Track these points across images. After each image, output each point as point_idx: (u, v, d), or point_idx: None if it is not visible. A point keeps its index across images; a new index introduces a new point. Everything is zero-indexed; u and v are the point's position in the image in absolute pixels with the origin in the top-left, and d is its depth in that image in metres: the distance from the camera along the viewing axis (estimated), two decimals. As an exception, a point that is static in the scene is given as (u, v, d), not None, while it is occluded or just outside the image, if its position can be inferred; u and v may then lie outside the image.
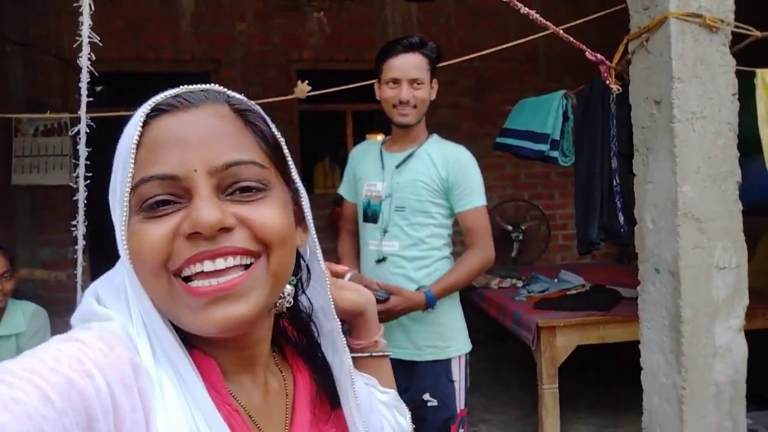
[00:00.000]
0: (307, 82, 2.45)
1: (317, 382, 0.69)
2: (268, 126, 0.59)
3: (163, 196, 0.52)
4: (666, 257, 2.11)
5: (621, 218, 2.41)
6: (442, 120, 5.13)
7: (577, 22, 2.37)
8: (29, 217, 4.83)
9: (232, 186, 0.54)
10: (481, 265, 2.03)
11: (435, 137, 2.06)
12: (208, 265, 0.52)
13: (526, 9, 1.94)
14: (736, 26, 2.15)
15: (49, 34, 4.72)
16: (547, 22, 1.88)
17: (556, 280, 3.60)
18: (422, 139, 2.03)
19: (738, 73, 2.18)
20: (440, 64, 2.64)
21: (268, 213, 0.55)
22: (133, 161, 0.53)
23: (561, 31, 1.93)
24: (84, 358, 0.46)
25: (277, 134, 0.60)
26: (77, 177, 2.08)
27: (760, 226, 2.65)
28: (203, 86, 0.57)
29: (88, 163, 2.17)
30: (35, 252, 4.81)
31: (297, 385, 0.68)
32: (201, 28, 4.91)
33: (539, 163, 3.56)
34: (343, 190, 2.20)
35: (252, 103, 0.59)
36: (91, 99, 2.11)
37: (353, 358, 0.79)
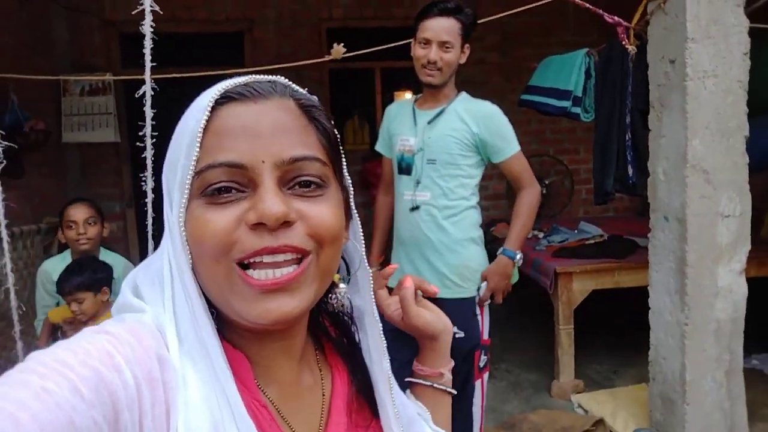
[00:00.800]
0: (342, 44, 2.60)
1: (356, 386, 0.67)
2: (330, 123, 0.59)
3: (227, 183, 0.52)
4: (675, 206, 2.29)
5: (630, 170, 2.58)
6: (469, 76, 5.23)
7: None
8: (78, 173, 5.14)
9: (293, 180, 0.54)
10: (536, 201, 2.23)
11: (463, 95, 2.18)
12: (267, 258, 0.53)
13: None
14: (750, -13, 2.25)
15: (90, -4, 4.91)
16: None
17: (576, 231, 3.79)
18: (451, 97, 2.14)
19: (760, 36, 2.29)
20: (481, 21, 2.74)
21: (326, 211, 0.56)
22: (199, 146, 0.52)
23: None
24: (113, 351, 0.47)
25: (335, 132, 0.61)
26: (143, 135, 2.31)
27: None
28: (270, 77, 0.57)
29: (143, 123, 2.40)
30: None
31: (335, 385, 0.66)
32: (233, -13, 5.05)
33: (565, 119, 3.70)
34: (380, 146, 2.33)
35: (315, 98, 0.59)
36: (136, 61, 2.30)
37: (412, 383, 0.80)
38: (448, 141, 2.10)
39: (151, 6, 2.34)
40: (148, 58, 2.38)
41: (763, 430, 2.77)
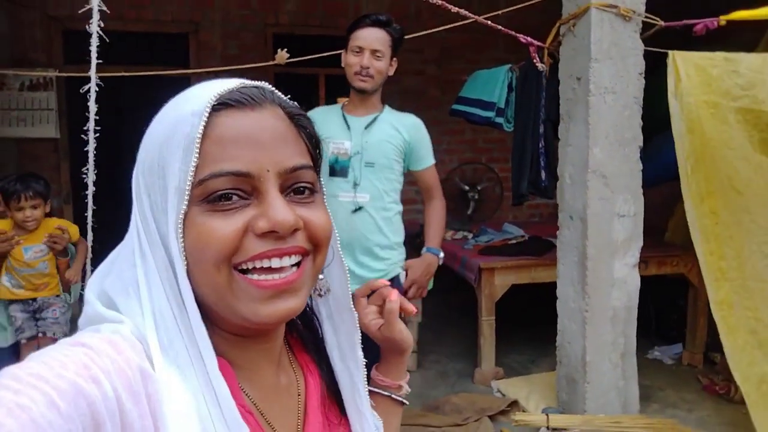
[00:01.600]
0: (286, 50, 2.78)
1: (326, 382, 0.69)
2: (314, 128, 0.61)
3: (230, 190, 0.53)
4: (578, 206, 2.59)
5: (543, 174, 2.88)
6: (409, 86, 5.51)
7: (517, 6, 2.76)
8: (15, 168, 5.07)
9: (291, 187, 0.56)
10: (445, 211, 2.38)
11: (388, 108, 2.30)
12: (275, 262, 0.54)
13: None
14: (645, 16, 2.59)
15: (32, -10, 4.89)
16: (487, 21, 2.25)
17: (500, 232, 4.10)
18: (380, 107, 2.26)
19: (657, 58, 2.62)
20: (410, 36, 2.96)
21: (321, 215, 0.58)
22: (198, 152, 0.52)
23: (491, 23, 2.30)
24: (91, 363, 0.46)
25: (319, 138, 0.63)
26: (86, 131, 2.42)
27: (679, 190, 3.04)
28: (257, 84, 0.58)
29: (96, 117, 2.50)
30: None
31: (308, 385, 0.67)
32: (180, -11, 5.13)
33: (496, 130, 4.00)
34: None
35: (296, 105, 0.61)
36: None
37: (371, 392, 0.81)
38: (386, 146, 2.21)
39: (99, 5, 2.47)
40: (94, 55, 2.49)
41: (656, 409, 3.11)
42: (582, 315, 2.59)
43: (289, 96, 0.63)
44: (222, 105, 0.54)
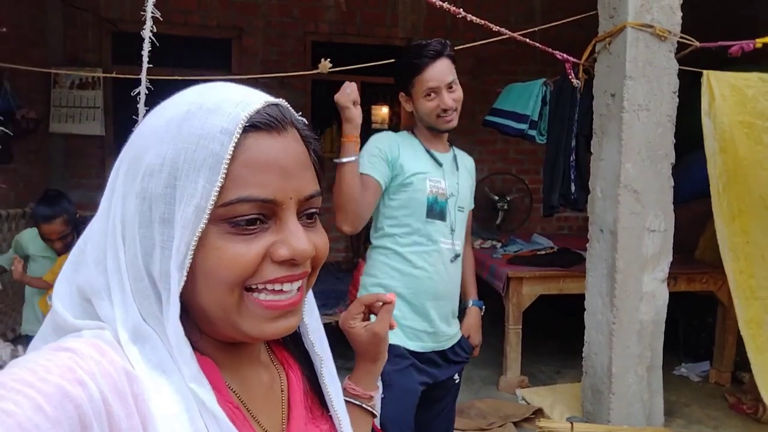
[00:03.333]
0: (329, 60, 2.89)
1: (307, 377, 0.70)
2: (319, 147, 0.62)
3: (256, 215, 0.53)
4: (609, 220, 2.64)
5: (573, 188, 2.94)
6: (443, 96, 5.59)
7: (557, 23, 2.83)
8: (63, 162, 5.30)
9: (304, 212, 0.57)
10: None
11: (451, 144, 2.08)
12: (287, 287, 0.56)
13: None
14: (681, 37, 2.63)
15: (85, -7, 5.12)
16: (525, 39, 2.33)
17: (529, 242, 4.15)
18: (448, 142, 2.03)
19: (693, 77, 2.67)
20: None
21: (324, 238, 0.60)
22: (225, 173, 0.51)
23: (529, 40, 2.38)
24: (75, 366, 0.46)
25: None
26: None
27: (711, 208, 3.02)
28: (277, 101, 0.58)
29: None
30: (67, 194, 5.30)
31: (290, 381, 0.68)
32: (226, -5, 5.32)
33: (527, 141, 4.06)
34: (375, 170, 1.85)
35: (305, 121, 0.62)
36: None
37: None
38: (468, 191, 2.01)
39: (152, 11, 2.61)
40: (145, 59, 2.62)
41: (681, 425, 3.12)
42: (609, 327, 2.64)
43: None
44: (250, 126, 0.53)
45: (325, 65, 2.77)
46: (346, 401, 0.83)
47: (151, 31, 2.72)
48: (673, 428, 2.93)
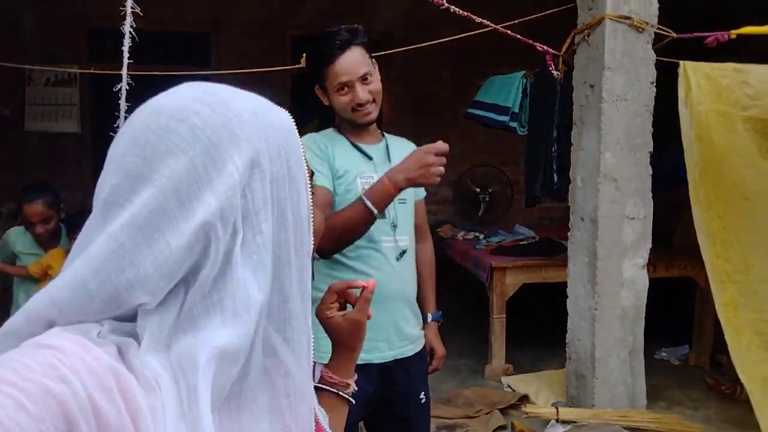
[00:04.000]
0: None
1: None
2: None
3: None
4: (589, 208, 2.70)
5: (555, 178, 3.00)
6: (424, 89, 5.61)
7: (537, 15, 2.87)
8: (39, 161, 5.22)
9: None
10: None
11: (384, 133, 1.94)
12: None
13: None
14: (658, 28, 2.69)
15: (57, -11, 5.03)
16: (506, 31, 2.35)
17: (512, 233, 4.21)
18: (379, 131, 1.89)
19: (671, 69, 2.72)
20: (432, 42, 3.03)
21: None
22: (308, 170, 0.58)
23: (507, 31, 2.41)
24: (58, 363, 0.45)
25: None
26: (117, 127, 2.54)
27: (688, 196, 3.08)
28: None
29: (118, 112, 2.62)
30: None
31: None
32: (202, -10, 5.27)
33: (510, 133, 4.11)
34: (324, 180, 1.75)
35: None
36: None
37: (319, 388, 0.83)
38: None
39: (132, 6, 2.59)
40: (126, 55, 2.60)
41: (663, 407, 3.20)
42: (592, 313, 2.70)
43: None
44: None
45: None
46: (323, 389, 0.85)
47: (131, 26, 2.69)
48: (655, 410, 3.00)
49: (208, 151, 0.52)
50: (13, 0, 4.85)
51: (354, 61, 1.68)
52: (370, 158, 1.79)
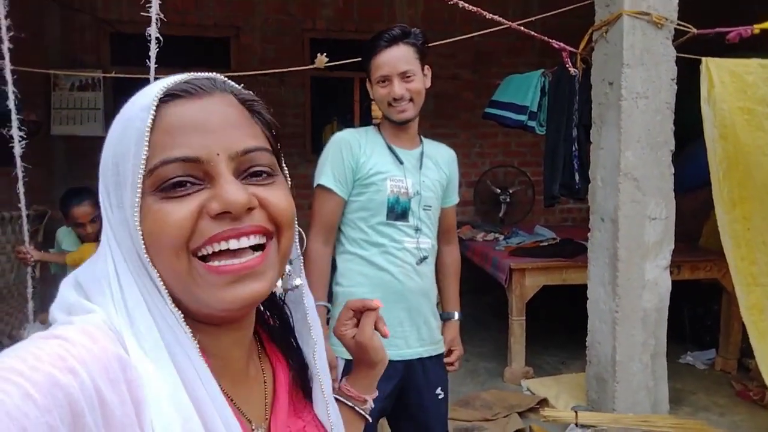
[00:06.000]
0: (325, 54, 2.88)
1: (293, 369, 0.70)
2: (270, 114, 0.62)
3: (183, 177, 0.53)
4: (609, 209, 2.64)
5: (576, 177, 2.94)
6: (443, 90, 5.59)
7: (552, 13, 2.82)
8: (64, 163, 5.32)
9: (247, 170, 0.56)
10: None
11: (424, 138, 1.98)
12: (233, 243, 0.54)
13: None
14: (678, 23, 2.62)
15: (82, -5, 5.13)
16: (520, 27, 2.33)
17: (532, 234, 4.15)
18: (419, 137, 1.93)
19: (693, 65, 2.66)
20: (444, 41, 3.01)
21: (281, 195, 0.58)
22: (147, 145, 0.52)
23: (526, 29, 2.37)
24: (66, 354, 0.45)
25: (276, 123, 0.63)
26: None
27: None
28: (208, 75, 0.58)
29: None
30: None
31: (276, 374, 0.68)
32: (223, -6, 5.33)
33: (530, 133, 4.06)
34: (332, 182, 1.80)
35: (251, 93, 0.62)
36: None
37: (337, 400, 0.82)
38: (438, 187, 1.90)
39: (156, 12, 2.62)
40: (153, 59, 2.64)
41: (687, 412, 3.12)
42: (612, 316, 2.64)
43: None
44: (170, 96, 0.55)
45: (322, 60, 2.77)
46: (339, 401, 0.83)
47: (149, 31, 2.72)
48: (679, 416, 2.92)
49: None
50: (38, 7, 4.96)
51: (398, 56, 1.76)
52: (402, 162, 1.84)
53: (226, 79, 0.60)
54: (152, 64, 2.58)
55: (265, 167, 0.57)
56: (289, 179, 0.64)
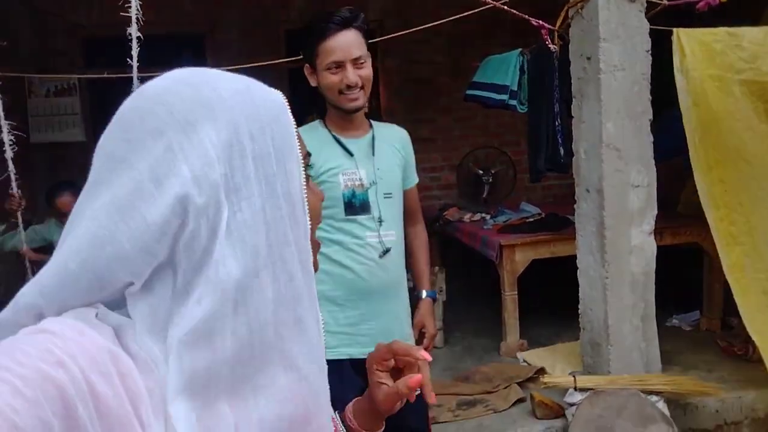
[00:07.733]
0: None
1: None
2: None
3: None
4: (594, 179, 2.73)
5: (561, 151, 3.04)
6: (420, 76, 5.65)
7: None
8: (47, 171, 5.28)
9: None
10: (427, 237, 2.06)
11: (372, 121, 1.92)
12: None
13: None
14: (649, -4, 2.71)
15: (51, -1, 5.07)
16: (503, 6, 2.39)
17: (517, 211, 4.25)
18: (367, 122, 1.87)
19: (665, 37, 2.75)
20: (421, 27, 3.05)
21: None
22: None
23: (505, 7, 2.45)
24: (54, 348, 0.45)
25: None
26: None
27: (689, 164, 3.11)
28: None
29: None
30: (53, 203, 5.26)
31: None
32: (196, -9, 5.30)
33: (507, 113, 4.13)
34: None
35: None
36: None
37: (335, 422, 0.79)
38: (396, 171, 1.85)
39: (137, 13, 2.63)
40: (135, 59, 2.66)
41: (677, 371, 3.25)
42: (602, 282, 2.74)
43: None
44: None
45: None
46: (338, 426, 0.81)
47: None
48: (669, 375, 3.05)
49: (185, 131, 0.52)
50: (8, 13, 4.89)
51: (350, 41, 1.67)
52: (351, 154, 1.77)
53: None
54: (134, 63, 2.60)
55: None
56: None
